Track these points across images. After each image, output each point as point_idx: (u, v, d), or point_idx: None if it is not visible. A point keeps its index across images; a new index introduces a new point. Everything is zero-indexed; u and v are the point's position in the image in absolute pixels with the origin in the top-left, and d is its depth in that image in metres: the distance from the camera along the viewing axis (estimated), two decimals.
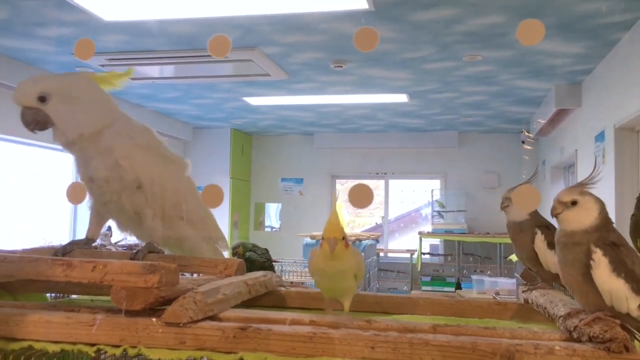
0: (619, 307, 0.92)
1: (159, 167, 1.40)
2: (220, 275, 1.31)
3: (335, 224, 1.12)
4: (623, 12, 3.71)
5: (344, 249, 1.13)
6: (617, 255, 0.93)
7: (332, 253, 1.10)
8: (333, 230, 1.12)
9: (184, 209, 1.41)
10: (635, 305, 0.92)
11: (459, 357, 0.87)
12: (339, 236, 1.12)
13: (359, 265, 1.17)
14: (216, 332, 0.93)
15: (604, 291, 0.92)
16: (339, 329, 0.93)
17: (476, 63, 4.95)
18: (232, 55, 4.77)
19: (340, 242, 1.12)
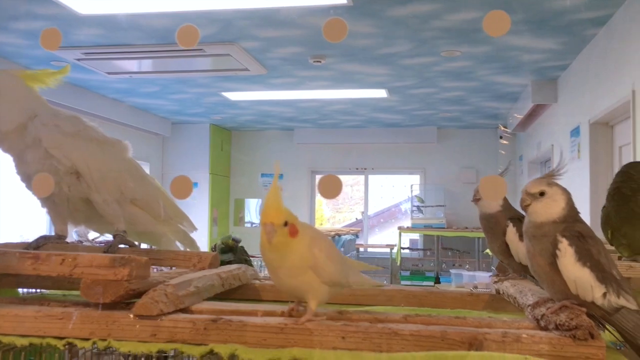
0: (584, 296, 0.94)
1: (94, 152, 1.36)
2: (193, 268, 1.31)
3: (273, 205, 0.94)
4: (598, 8, 3.77)
5: (287, 238, 0.93)
6: (582, 246, 0.94)
7: (270, 242, 0.92)
8: (270, 214, 0.94)
9: (131, 191, 1.37)
10: (600, 293, 0.93)
11: (428, 346, 0.88)
12: (278, 221, 0.93)
13: (316, 262, 0.97)
14: (187, 324, 0.93)
15: (570, 280, 0.94)
16: (324, 319, 0.94)
17: (454, 58, 4.98)
18: (210, 49, 4.75)
19: (281, 229, 0.93)
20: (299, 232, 0.96)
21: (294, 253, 0.95)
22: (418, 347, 0.88)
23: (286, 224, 0.94)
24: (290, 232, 0.94)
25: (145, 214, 1.42)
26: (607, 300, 0.94)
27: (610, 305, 0.94)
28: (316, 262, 0.97)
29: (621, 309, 0.94)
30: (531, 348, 0.85)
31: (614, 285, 0.94)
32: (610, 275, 0.95)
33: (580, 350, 0.84)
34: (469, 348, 0.86)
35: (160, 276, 1.12)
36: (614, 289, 0.94)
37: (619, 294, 0.94)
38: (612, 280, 0.95)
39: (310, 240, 0.98)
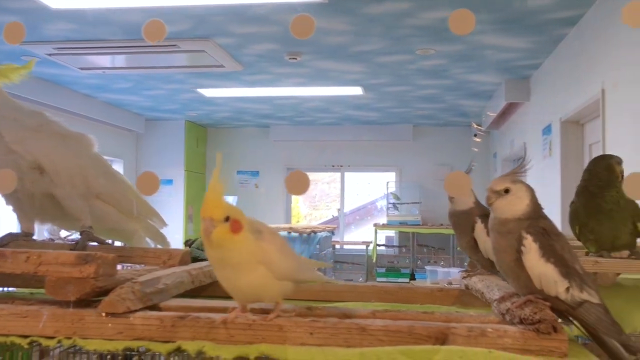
0: (549, 291, 0.96)
1: (57, 147, 1.32)
2: (163, 265, 1.30)
3: (213, 199, 0.89)
4: (569, 8, 3.83)
5: (229, 234, 0.88)
6: (546, 241, 0.96)
7: (209, 238, 0.87)
8: (209, 208, 0.88)
9: (96, 186, 1.34)
10: (564, 288, 0.95)
11: (395, 341, 0.88)
12: (217, 216, 0.88)
13: (268, 256, 0.92)
14: (154, 321, 0.92)
15: (534, 275, 0.95)
16: (292, 315, 0.94)
17: (429, 57, 5.02)
18: (184, 45, 4.71)
19: (221, 224, 0.88)
20: (244, 228, 0.91)
21: (240, 249, 0.90)
22: (385, 342, 0.88)
23: (228, 219, 0.89)
24: (232, 227, 0.89)
25: (113, 209, 1.39)
26: (570, 295, 0.95)
27: (574, 299, 0.95)
28: (267, 256, 0.93)
29: (584, 303, 0.96)
30: (496, 342, 0.86)
31: (577, 279, 0.96)
32: (573, 270, 0.97)
33: (543, 343, 0.85)
34: (436, 342, 0.87)
35: (129, 273, 1.11)
36: (577, 284, 0.96)
37: (581, 288, 0.96)
38: (575, 274, 0.97)
39: (259, 235, 0.93)
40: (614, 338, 0.97)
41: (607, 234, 1.50)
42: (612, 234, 1.50)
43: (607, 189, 1.48)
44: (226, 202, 0.91)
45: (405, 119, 8.25)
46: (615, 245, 1.54)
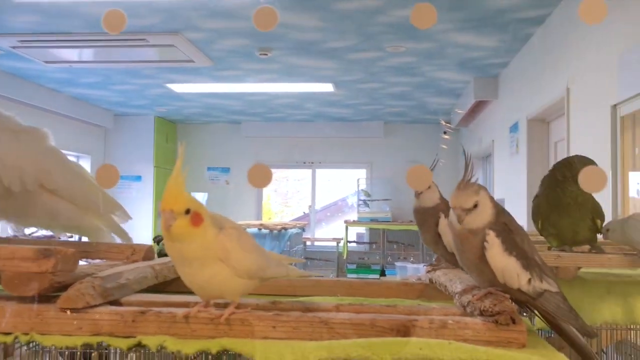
0: (511, 284, 0.97)
1: (8, 142, 1.28)
2: (127, 260, 1.28)
3: (173, 191, 0.87)
4: (536, 7, 3.89)
5: (189, 227, 0.87)
6: (508, 236, 0.98)
7: (169, 231, 0.86)
8: (169, 201, 0.86)
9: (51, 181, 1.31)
10: (526, 280, 0.97)
11: (358, 333, 0.89)
12: (177, 208, 0.86)
13: (227, 253, 0.90)
14: (114, 316, 0.91)
15: (497, 270, 0.97)
16: (241, 311, 0.93)
17: (399, 54, 5.05)
18: (153, 40, 4.65)
19: (181, 217, 0.86)
20: (205, 221, 0.90)
21: (199, 243, 0.89)
22: (348, 335, 0.89)
23: (188, 212, 0.87)
24: (192, 220, 0.87)
25: (70, 205, 1.36)
26: (532, 286, 0.97)
27: (535, 290, 0.97)
28: (227, 253, 0.91)
29: (544, 292, 0.98)
30: (456, 333, 0.87)
31: (537, 270, 0.98)
32: (533, 261, 0.99)
33: (502, 334, 0.87)
34: (397, 335, 0.88)
35: (90, 268, 1.10)
36: (538, 274, 0.98)
37: (541, 278, 0.98)
38: (536, 266, 0.99)
39: (220, 230, 0.92)
40: (572, 324, 1.00)
41: (568, 228, 1.54)
42: (572, 228, 1.53)
43: (568, 184, 1.51)
44: (187, 194, 0.89)
45: (376, 116, 8.29)
46: (576, 239, 1.57)
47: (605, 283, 1.57)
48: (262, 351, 0.85)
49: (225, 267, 0.92)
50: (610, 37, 3.03)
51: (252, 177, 0.86)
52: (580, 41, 3.46)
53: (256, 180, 0.85)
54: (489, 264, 0.98)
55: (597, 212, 1.54)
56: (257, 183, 0.85)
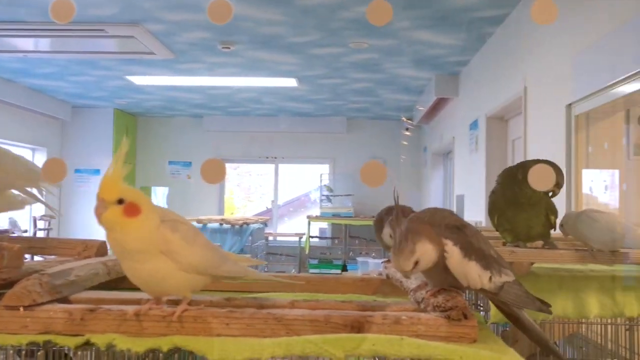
0: (475, 285, 0.98)
1: None
2: (78, 257, 1.25)
3: (107, 180, 0.86)
4: (495, 7, 3.95)
5: (122, 218, 0.85)
6: (464, 240, 0.98)
7: (100, 220, 0.85)
8: (102, 189, 0.86)
9: None
10: (487, 279, 0.98)
11: (312, 330, 0.89)
12: (109, 197, 0.85)
13: (169, 246, 0.88)
14: (62, 314, 0.88)
15: (460, 275, 0.97)
16: (194, 308, 0.92)
17: (362, 50, 5.07)
18: (112, 30, 4.55)
19: (113, 207, 0.85)
20: (143, 213, 0.87)
21: (136, 235, 0.87)
22: (302, 332, 0.88)
23: (122, 202, 0.86)
24: (125, 211, 0.86)
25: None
26: (493, 283, 0.98)
27: (496, 285, 0.99)
28: (169, 246, 0.88)
29: (504, 285, 0.99)
30: (409, 329, 0.88)
31: (496, 266, 1.00)
32: (490, 257, 1.00)
33: (454, 330, 0.88)
34: (351, 330, 0.88)
35: (38, 265, 1.06)
36: (497, 270, 0.99)
37: (500, 272, 1.00)
38: (493, 261, 1.00)
39: (163, 223, 0.89)
40: (533, 308, 1.02)
41: (523, 224, 1.57)
42: (526, 224, 1.56)
43: (524, 183, 1.54)
44: (124, 184, 0.88)
45: (339, 112, 8.31)
46: (530, 235, 1.61)
47: (557, 278, 1.61)
48: (216, 349, 0.84)
49: (168, 261, 0.89)
50: (566, 38, 3.10)
51: (206, 173, 0.85)
52: (537, 42, 3.53)
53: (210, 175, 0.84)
54: (450, 271, 0.98)
55: (550, 209, 1.58)
56: (211, 178, 0.83)
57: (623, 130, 2.88)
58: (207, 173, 0.85)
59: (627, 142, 2.86)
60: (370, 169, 0.84)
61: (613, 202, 2.81)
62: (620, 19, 2.51)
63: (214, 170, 0.85)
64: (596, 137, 2.97)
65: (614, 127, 2.92)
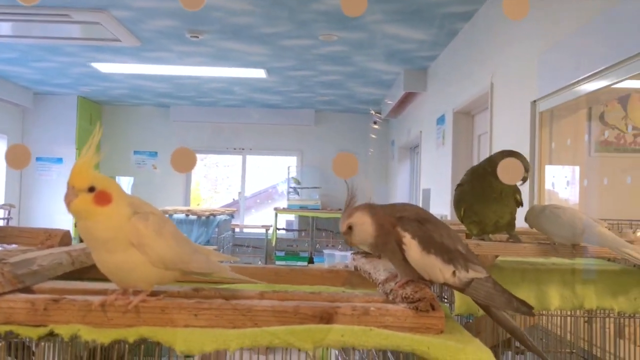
0: (437, 279, 0.99)
1: None
2: (41, 246, 1.22)
3: (77, 168, 0.85)
4: (464, 3, 3.99)
5: (92, 206, 0.84)
6: (424, 233, 0.99)
7: (69, 208, 0.84)
8: (72, 177, 0.84)
9: None
10: (450, 273, 0.98)
11: (281, 321, 0.88)
12: (79, 184, 0.84)
13: (140, 238, 0.87)
14: (24, 304, 0.86)
15: (420, 268, 0.98)
16: (161, 298, 0.91)
17: (332, 43, 5.06)
18: (77, 16, 4.44)
19: (83, 194, 0.84)
20: (114, 202, 0.87)
21: (106, 224, 0.86)
22: (271, 323, 0.88)
23: (93, 190, 0.85)
24: (96, 199, 0.85)
25: None
26: (457, 278, 0.99)
27: (461, 281, 0.99)
28: (140, 238, 0.87)
29: (472, 281, 0.99)
30: (378, 320, 0.88)
31: (462, 261, 1.00)
32: (456, 252, 1.00)
33: (421, 321, 0.89)
34: (320, 322, 0.88)
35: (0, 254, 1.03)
36: (462, 265, 0.99)
37: (467, 268, 0.99)
38: (459, 257, 1.00)
39: (136, 215, 0.88)
40: (508, 309, 1.01)
41: (491, 215, 1.59)
42: (495, 215, 1.59)
43: (493, 177, 1.56)
44: (95, 172, 0.86)
45: (308, 104, 8.30)
46: (498, 226, 1.63)
47: (520, 271, 1.64)
48: (183, 340, 0.83)
49: (138, 254, 0.88)
50: (531, 36, 3.15)
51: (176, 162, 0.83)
52: (504, 39, 3.58)
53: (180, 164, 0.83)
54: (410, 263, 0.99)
55: (517, 202, 1.61)
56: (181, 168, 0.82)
57: (585, 128, 2.95)
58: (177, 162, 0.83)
59: (589, 139, 2.93)
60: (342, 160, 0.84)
61: (574, 198, 2.89)
62: (584, 18, 2.56)
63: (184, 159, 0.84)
64: (559, 133, 3.03)
65: (576, 124, 2.99)
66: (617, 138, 2.88)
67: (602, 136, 2.90)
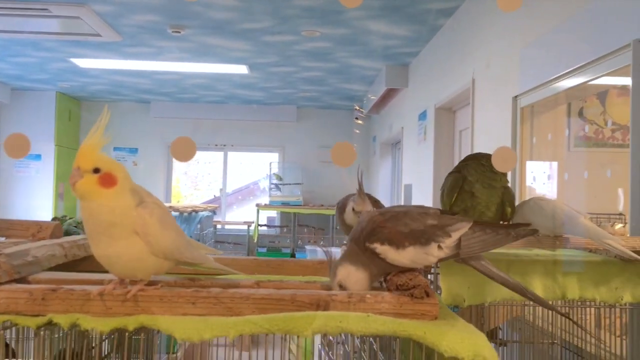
0: (428, 262, 1.00)
1: None
2: (32, 238, 1.22)
3: (83, 149, 0.85)
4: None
5: (97, 187, 0.84)
6: (390, 233, 0.99)
7: (74, 189, 0.83)
8: (78, 157, 0.85)
9: None
10: (435, 250, 0.98)
11: (279, 308, 0.90)
12: (85, 165, 0.84)
13: (146, 228, 0.86)
14: (22, 294, 0.86)
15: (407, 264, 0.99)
16: (159, 288, 0.91)
17: (314, 39, 5.07)
18: (57, 10, 4.38)
19: (88, 175, 0.84)
20: (119, 185, 0.87)
21: (111, 207, 0.85)
22: (269, 310, 0.89)
23: (98, 171, 0.85)
24: (101, 180, 0.85)
25: None
26: (445, 248, 0.99)
27: (450, 247, 0.99)
28: (146, 228, 0.87)
29: (459, 240, 0.99)
30: (374, 307, 0.90)
31: (439, 232, 0.99)
32: (429, 228, 1.00)
33: (416, 307, 0.91)
34: (317, 309, 0.90)
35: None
36: (442, 234, 0.99)
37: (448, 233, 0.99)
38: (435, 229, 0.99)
39: (142, 204, 0.89)
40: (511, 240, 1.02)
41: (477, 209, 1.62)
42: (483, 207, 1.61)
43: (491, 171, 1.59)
44: (101, 154, 0.87)
45: (290, 100, 8.30)
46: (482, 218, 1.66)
47: (506, 262, 1.67)
48: (182, 328, 0.84)
49: (140, 242, 0.88)
50: (512, 32, 3.20)
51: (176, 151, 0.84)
52: (485, 34, 3.63)
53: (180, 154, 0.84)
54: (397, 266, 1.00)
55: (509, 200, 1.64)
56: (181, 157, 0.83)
57: (565, 123, 3.01)
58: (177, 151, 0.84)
59: (569, 134, 2.99)
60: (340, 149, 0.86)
61: (553, 193, 2.94)
62: (564, 14, 2.61)
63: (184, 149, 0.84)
64: (540, 129, 3.08)
65: (556, 119, 3.05)
66: (595, 133, 2.93)
67: (581, 131, 2.95)
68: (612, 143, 2.89)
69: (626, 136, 2.76)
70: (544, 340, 1.80)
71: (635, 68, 2.03)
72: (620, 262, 1.63)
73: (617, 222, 2.18)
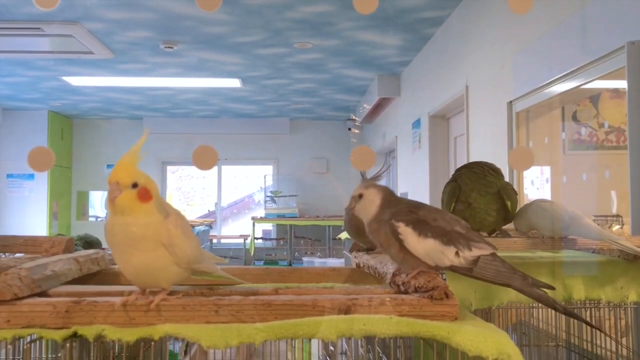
0: (442, 263, 1.01)
1: None
2: (45, 254, 1.22)
3: (123, 164, 0.88)
4: (436, 8, 4.07)
5: (135, 202, 0.86)
6: (417, 220, 1.01)
7: (113, 203, 0.85)
8: (117, 172, 0.87)
9: None
10: (452, 254, 1.00)
11: (301, 314, 0.90)
12: (124, 180, 0.86)
13: (172, 239, 0.89)
14: (46, 307, 0.86)
15: (422, 254, 1.00)
16: (180, 297, 0.92)
17: (306, 50, 5.10)
18: (49, 29, 4.39)
19: (127, 190, 0.86)
20: (153, 199, 0.89)
21: (147, 221, 0.88)
22: (291, 316, 0.90)
23: (135, 186, 0.87)
24: (139, 195, 0.87)
25: None
26: (462, 258, 1.00)
27: (467, 260, 0.99)
28: (172, 239, 0.90)
29: (478, 259, 1.00)
30: (395, 309, 0.91)
31: (462, 240, 1.01)
32: (455, 233, 1.01)
33: (436, 309, 0.92)
34: (339, 313, 0.90)
35: (11, 261, 1.03)
36: (464, 244, 1.00)
37: (470, 246, 1.00)
38: (459, 237, 1.01)
39: (167, 215, 0.91)
40: (523, 286, 1.00)
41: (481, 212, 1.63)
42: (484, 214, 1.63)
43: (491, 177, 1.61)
44: (137, 169, 0.89)
45: (283, 112, 8.32)
46: (483, 224, 1.68)
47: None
48: (208, 335, 0.84)
49: (165, 253, 0.90)
50: (505, 38, 3.24)
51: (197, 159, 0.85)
52: (477, 41, 3.67)
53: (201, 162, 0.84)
54: (411, 252, 1.01)
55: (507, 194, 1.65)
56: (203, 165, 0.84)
57: (559, 127, 3.04)
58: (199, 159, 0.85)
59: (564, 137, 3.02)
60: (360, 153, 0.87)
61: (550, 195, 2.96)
62: (556, 20, 2.65)
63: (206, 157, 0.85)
64: (536, 133, 3.11)
65: (551, 123, 3.08)
66: (589, 136, 2.97)
67: (575, 134, 2.99)
68: (606, 145, 2.92)
69: (620, 138, 2.80)
70: (549, 342, 1.80)
71: (630, 70, 2.06)
72: (624, 262, 1.65)
73: (614, 224, 2.20)
